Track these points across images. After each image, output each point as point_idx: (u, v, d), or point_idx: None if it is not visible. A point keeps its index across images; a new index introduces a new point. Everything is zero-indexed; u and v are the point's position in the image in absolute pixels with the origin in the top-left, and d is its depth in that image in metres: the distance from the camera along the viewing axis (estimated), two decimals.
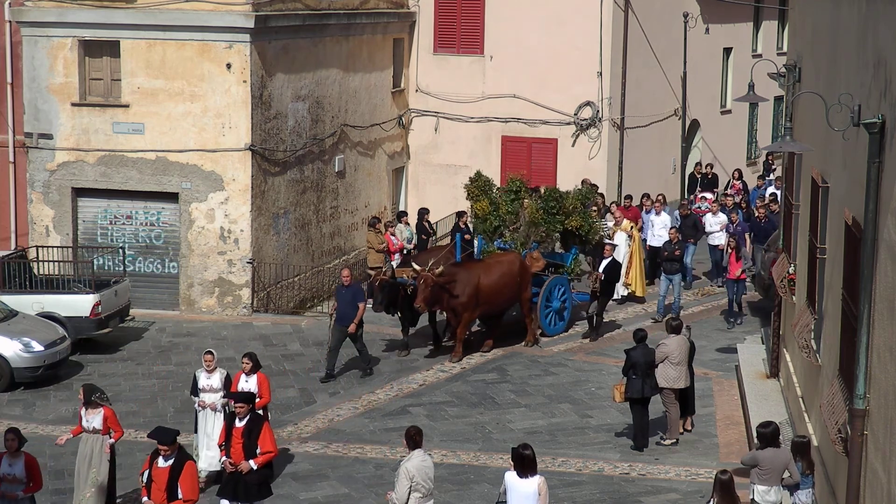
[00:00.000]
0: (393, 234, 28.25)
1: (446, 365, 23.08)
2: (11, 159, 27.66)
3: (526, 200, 25.06)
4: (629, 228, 27.39)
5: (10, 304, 22.73)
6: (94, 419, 15.69)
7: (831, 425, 12.83)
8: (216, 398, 16.91)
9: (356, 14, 30.27)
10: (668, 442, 18.85)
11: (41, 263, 25.01)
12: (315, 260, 29.07)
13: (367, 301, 22.85)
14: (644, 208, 29.17)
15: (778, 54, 37.56)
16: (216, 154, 26.25)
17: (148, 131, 26.47)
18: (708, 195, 32.45)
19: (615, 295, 26.06)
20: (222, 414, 16.65)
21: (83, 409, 15.81)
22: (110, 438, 15.74)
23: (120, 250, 25.87)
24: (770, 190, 31.61)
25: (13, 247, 27.20)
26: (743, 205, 31.21)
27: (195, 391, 17.14)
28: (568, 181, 28.86)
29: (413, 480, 13.23)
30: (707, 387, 21.42)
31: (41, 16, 26.61)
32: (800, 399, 17.25)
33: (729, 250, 25.77)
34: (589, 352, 24.06)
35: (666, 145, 35.69)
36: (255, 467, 14.85)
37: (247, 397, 15.39)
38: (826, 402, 13.47)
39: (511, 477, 13.24)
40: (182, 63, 26.21)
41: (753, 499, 14.06)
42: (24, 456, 14.35)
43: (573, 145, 32.43)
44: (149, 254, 27.06)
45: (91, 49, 26.78)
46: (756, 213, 28.38)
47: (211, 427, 16.86)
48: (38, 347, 21.69)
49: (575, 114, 32.16)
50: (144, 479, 14.04)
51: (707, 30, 36.47)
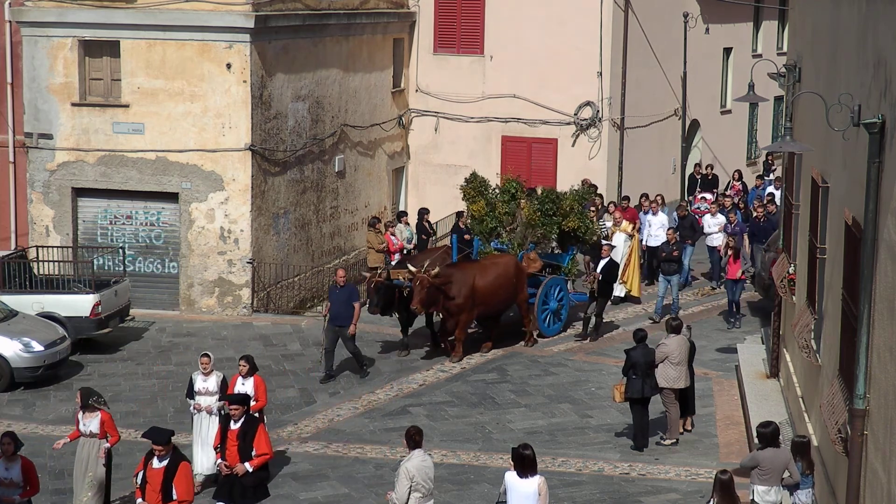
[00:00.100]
0: (393, 234, 28.25)
1: (446, 365, 23.08)
2: (11, 159, 27.65)
3: (522, 201, 25.03)
4: (629, 229, 27.39)
5: (10, 304, 22.73)
6: (91, 423, 15.65)
7: (831, 425, 12.83)
8: (212, 401, 16.86)
9: (356, 14, 30.27)
10: (668, 442, 18.85)
11: (41, 263, 25.01)
12: (315, 260, 29.07)
13: (363, 301, 22.82)
14: (642, 209, 29.17)
15: (778, 54, 37.56)
16: (216, 154, 26.25)
17: (148, 131, 26.47)
18: (707, 196, 32.44)
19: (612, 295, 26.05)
20: (217, 417, 16.61)
21: (80, 413, 15.78)
22: (106, 443, 15.68)
23: (120, 250, 25.87)
24: (769, 190, 31.60)
25: (13, 247, 27.19)
26: (741, 205, 31.19)
27: (191, 394, 17.12)
28: (568, 181, 28.83)
29: (413, 480, 13.23)
30: (707, 387, 21.42)
31: (41, 16, 26.60)
32: (800, 399, 17.25)
33: (728, 251, 25.75)
34: (589, 352, 24.06)
35: (666, 145, 35.69)
36: (251, 469, 14.81)
37: (241, 399, 15.34)
38: (826, 402, 13.47)
39: (511, 477, 13.23)
40: (182, 63, 26.21)
41: (753, 499, 14.06)
42: (21, 460, 14.28)
43: (573, 145, 32.44)
44: (149, 254, 27.06)
45: (91, 49, 26.78)
46: (754, 214, 28.37)
47: (206, 431, 16.81)
48: (38, 347, 21.69)
49: (575, 114, 32.16)
50: (139, 481, 14.00)
51: (707, 30, 36.48)
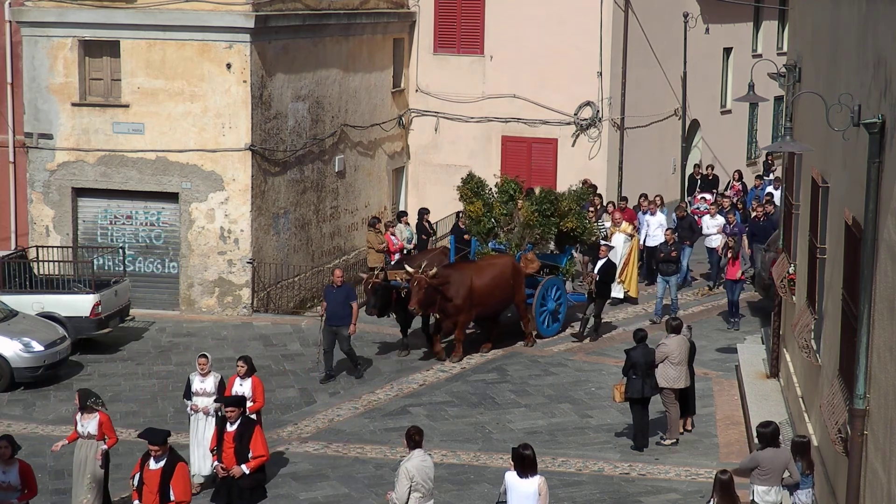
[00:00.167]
0: (393, 234, 28.25)
1: (446, 365, 23.07)
2: (11, 159, 27.65)
3: (520, 202, 25.00)
4: (629, 230, 27.37)
5: (10, 304, 22.73)
6: (89, 424, 15.61)
7: (831, 425, 12.83)
8: (209, 402, 16.81)
9: (356, 14, 30.27)
10: (668, 442, 18.84)
11: (41, 263, 25.01)
12: (315, 260, 29.07)
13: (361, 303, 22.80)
14: (641, 209, 29.16)
15: (778, 54, 37.56)
16: (216, 154, 26.25)
17: (148, 131, 26.47)
18: (707, 196, 32.42)
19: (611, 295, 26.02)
20: (214, 419, 16.58)
21: (78, 415, 15.76)
22: (104, 445, 15.63)
23: (120, 250, 25.87)
24: (768, 190, 31.58)
25: (13, 247, 27.19)
26: (739, 206, 31.17)
27: (188, 394, 17.09)
28: (568, 181, 28.81)
29: (413, 480, 13.23)
30: (707, 387, 21.41)
31: (41, 16, 26.60)
32: (800, 399, 17.25)
33: (728, 252, 25.72)
34: (589, 352, 24.06)
35: (666, 145, 35.69)
36: (248, 472, 14.76)
37: (237, 401, 15.28)
38: (826, 402, 13.47)
39: (511, 477, 13.23)
40: (182, 63, 26.21)
41: (753, 499, 14.06)
42: (19, 463, 14.23)
43: (573, 145, 32.43)
44: (149, 254, 27.05)
45: (91, 49, 26.78)
46: (753, 214, 28.35)
47: (202, 432, 16.75)
48: (38, 347, 21.68)
49: (575, 114, 32.16)
50: (135, 483, 13.97)
51: (707, 30, 36.49)
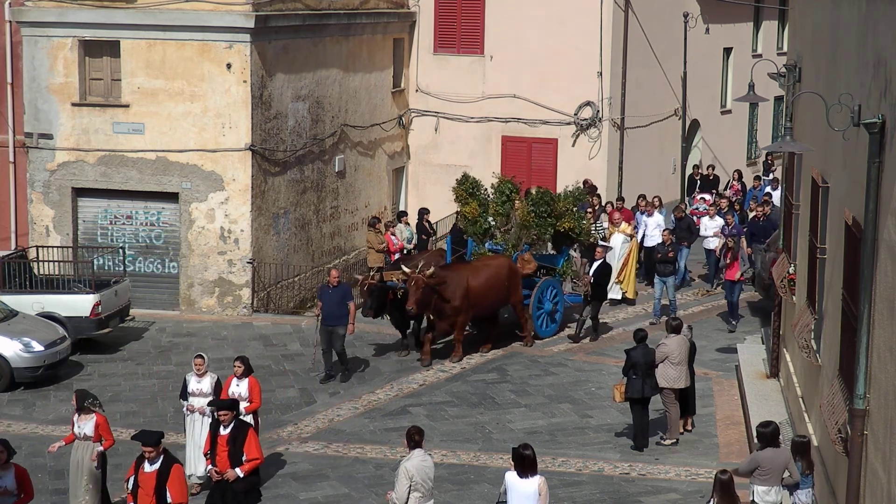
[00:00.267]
0: (393, 234, 28.25)
1: (446, 365, 23.08)
2: (11, 159, 27.65)
3: (517, 202, 24.98)
4: (628, 230, 27.36)
5: (10, 304, 22.73)
6: (86, 425, 15.58)
7: (831, 425, 12.83)
8: (205, 403, 16.74)
9: (356, 14, 30.27)
10: (668, 442, 18.85)
11: (41, 263, 25.01)
12: (315, 260, 29.07)
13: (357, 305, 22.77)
14: (638, 209, 29.15)
15: (778, 54, 37.56)
16: (216, 154, 26.25)
17: (148, 131, 26.47)
18: (706, 196, 32.41)
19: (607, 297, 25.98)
20: (210, 419, 16.55)
21: (75, 416, 15.74)
22: (99, 446, 15.60)
23: (120, 250, 25.87)
24: (767, 190, 31.56)
25: (13, 247, 27.20)
26: (737, 206, 31.15)
27: (184, 395, 17.07)
28: (568, 181, 28.78)
29: (413, 480, 13.23)
30: (707, 387, 21.41)
31: (41, 16, 26.60)
32: (800, 399, 17.24)
33: (727, 253, 25.68)
34: (589, 352, 24.06)
35: (666, 145, 35.69)
36: (242, 475, 14.71)
37: (229, 404, 15.23)
38: (826, 402, 13.46)
39: (511, 477, 13.23)
40: (182, 63, 26.21)
41: (753, 499, 14.06)
42: (14, 468, 14.12)
43: (573, 145, 32.43)
44: (149, 254, 27.06)
45: (91, 49, 26.78)
46: (752, 214, 28.32)
47: (199, 432, 16.72)
48: (38, 347, 21.69)
49: (575, 114, 32.16)
50: (130, 486, 13.94)
51: (707, 30, 36.48)
